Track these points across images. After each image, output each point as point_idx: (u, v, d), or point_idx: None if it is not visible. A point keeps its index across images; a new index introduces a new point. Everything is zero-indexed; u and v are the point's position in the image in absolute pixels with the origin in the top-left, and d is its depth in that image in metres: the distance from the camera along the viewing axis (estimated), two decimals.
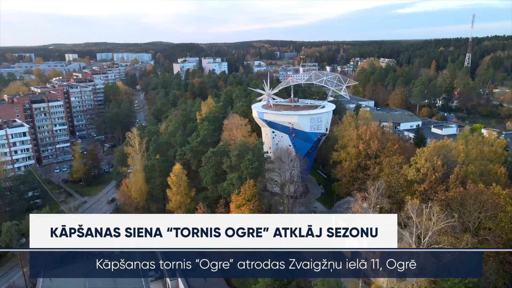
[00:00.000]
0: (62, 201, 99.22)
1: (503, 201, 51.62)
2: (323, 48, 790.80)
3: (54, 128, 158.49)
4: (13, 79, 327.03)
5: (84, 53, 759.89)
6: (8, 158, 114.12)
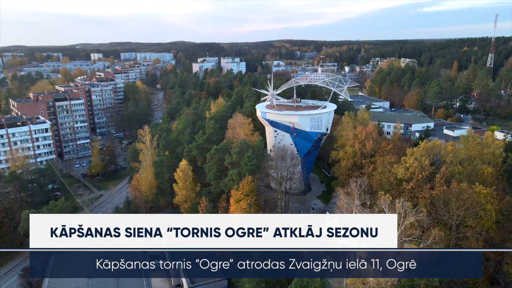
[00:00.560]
0: (79, 194, 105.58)
1: (483, 199, 53.54)
2: (344, 48, 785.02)
3: (75, 125, 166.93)
4: (40, 77, 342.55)
5: (109, 52, 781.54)
6: (31, 153, 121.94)
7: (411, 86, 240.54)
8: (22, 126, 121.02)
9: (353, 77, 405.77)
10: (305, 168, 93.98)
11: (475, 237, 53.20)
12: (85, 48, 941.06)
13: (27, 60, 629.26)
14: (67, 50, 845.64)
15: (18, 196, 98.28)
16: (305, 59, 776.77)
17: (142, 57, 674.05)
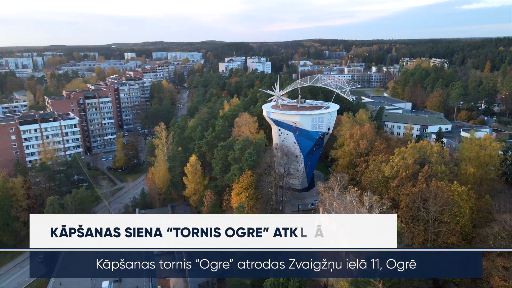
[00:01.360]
0: (100, 185, 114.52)
1: (457, 197, 56.59)
2: (374, 48, 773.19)
3: (103, 121, 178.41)
4: (76, 76, 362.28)
5: (142, 52, 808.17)
6: (61, 146, 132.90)
7: (434, 87, 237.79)
8: (53, 122, 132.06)
9: (379, 78, 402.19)
10: (308, 166, 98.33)
11: (450, 232, 56.36)
12: (120, 48, 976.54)
13: (66, 59, 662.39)
14: (103, 50, 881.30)
15: (47, 185, 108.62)
16: (334, 58, 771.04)
17: (172, 56, 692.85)
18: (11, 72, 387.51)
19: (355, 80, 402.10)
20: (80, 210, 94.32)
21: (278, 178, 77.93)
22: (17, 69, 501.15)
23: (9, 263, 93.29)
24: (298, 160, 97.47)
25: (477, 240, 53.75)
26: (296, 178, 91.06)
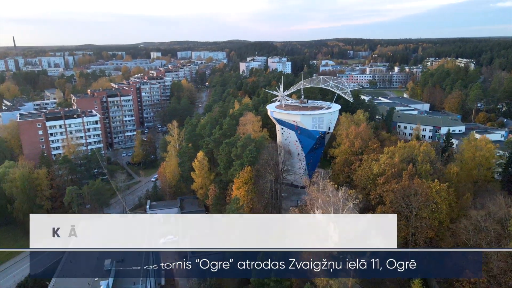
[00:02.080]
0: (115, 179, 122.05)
1: (435, 194, 59.69)
2: (400, 47, 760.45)
3: (124, 118, 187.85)
4: (102, 75, 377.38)
5: (167, 51, 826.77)
6: (83, 141, 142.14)
7: (453, 88, 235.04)
8: (77, 118, 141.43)
9: (400, 78, 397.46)
10: (310, 164, 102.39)
11: (428, 227, 59.63)
12: (147, 47, 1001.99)
13: (95, 58, 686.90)
14: (131, 49, 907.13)
15: (69, 177, 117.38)
16: (358, 58, 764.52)
17: (196, 55, 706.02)
18: (43, 71, 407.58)
19: (376, 81, 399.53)
20: (96, 200, 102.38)
21: (275, 174, 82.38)
22: (50, 68, 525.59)
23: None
24: (300, 158, 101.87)
25: (449, 234, 56.67)
26: (293, 174, 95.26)
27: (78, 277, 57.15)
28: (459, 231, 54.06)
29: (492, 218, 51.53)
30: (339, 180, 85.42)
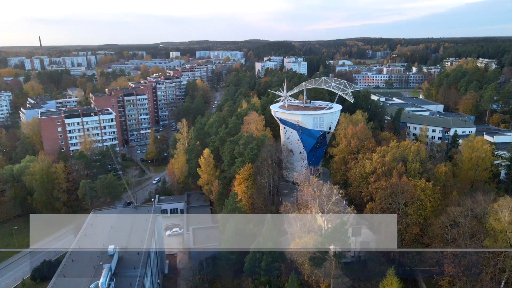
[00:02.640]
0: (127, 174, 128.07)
1: (420, 192, 62.24)
2: (421, 47, 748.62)
3: (139, 117, 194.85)
4: (122, 74, 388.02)
5: (186, 51, 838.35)
6: (99, 138, 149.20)
7: (468, 89, 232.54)
8: (93, 116, 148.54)
9: (417, 79, 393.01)
10: (312, 162, 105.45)
11: (413, 223, 62.28)
12: (167, 47, 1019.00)
13: (116, 57, 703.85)
14: (151, 49, 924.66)
15: (84, 172, 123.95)
16: (376, 58, 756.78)
17: (215, 55, 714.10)
18: (66, 70, 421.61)
19: (392, 81, 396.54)
20: (108, 193, 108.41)
21: (272, 170, 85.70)
22: (73, 67, 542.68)
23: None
24: (302, 156, 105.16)
25: (431, 229, 59.07)
26: (293, 172, 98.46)
27: (85, 261, 62.35)
28: (437, 226, 56.60)
29: (469, 215, 53.80)
30: (336, 178, 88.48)
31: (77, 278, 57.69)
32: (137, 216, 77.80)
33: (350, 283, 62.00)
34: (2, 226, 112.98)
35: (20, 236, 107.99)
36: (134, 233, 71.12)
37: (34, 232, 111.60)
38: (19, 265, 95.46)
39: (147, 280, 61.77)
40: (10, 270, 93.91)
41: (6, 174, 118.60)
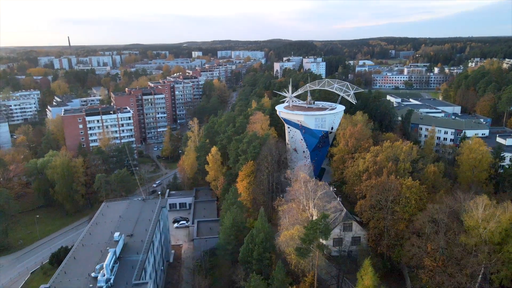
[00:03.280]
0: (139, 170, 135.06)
1: (405, 190, 65.20)
2: (446, 46, 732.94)
3: (157, 115, 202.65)
4: (144, 74, 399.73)
5: (208, 50, 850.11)
6: (118, 135, 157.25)
7: (486, 91, 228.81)
8: (112, 114, 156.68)
9: (438, 79, 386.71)
10: (315, 161, 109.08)
11: (399, 219, 65.39)
12: (190, 47, 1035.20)
13: (140, 57, 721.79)
14: (174, 48, 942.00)
15: (102, 167, 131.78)
16: (399, 58, 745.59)
17: (236, 55, 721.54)
18: (92, 70, 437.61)
19: (412, 82, 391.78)
20: (122, 187, 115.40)
21: (271, 167, 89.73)
22: (98, 66, 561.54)
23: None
24: (306, 155, 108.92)
25: (411, 225, 61.90)
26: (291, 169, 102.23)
27: (94, 246, 68.67)
28: (417, 222, 59.60)
29: (447, 212, 56.50)
30: (335, 177, 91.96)
31: (85, 260, 63.96)
32: (144, 208, 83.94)
33: (335, 273, 65.67)
34: (27, 215, 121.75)
35: (42, 225, 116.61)
36: (140, 223, 77.10)
37: (55, 221, 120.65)
38: (40, 251, 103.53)
39: (148, 265, 67.34)
40: (32, 255, 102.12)
41: (30, 168, 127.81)
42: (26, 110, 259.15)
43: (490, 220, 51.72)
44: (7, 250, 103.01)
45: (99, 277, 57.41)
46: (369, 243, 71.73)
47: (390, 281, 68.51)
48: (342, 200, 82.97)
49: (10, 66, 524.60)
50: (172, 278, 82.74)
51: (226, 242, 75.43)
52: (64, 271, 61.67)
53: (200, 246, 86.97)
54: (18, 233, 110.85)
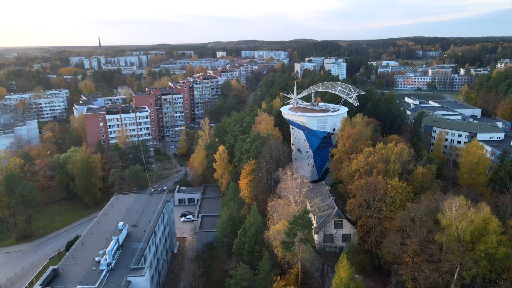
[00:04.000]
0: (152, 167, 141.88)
1: (391, 189, 67.90)
2: (476, 47, 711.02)
3: (174, 114, 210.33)
4: (167, 74, 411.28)
5: (233, 50, 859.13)
6: (135, 133, 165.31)
7: (507, 93, 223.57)
8: (131, 113, 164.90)
9: (463, 81, 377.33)
10: (318, 161, 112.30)
11: (384, 218, 68.24)
12: (215, 46, 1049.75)
13: (166, 57, 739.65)
14: (199, 48, 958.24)
15: (119, 163, 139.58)
16: (426, 58, 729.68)
17: (259, 55, 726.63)
18: (118, 70, 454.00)
19: (435, 83, 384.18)
20: (134, 182, 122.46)
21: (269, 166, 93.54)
22: (126, 66, 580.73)
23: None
24: (309, 155, 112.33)
25: (395, 223, 64.46)
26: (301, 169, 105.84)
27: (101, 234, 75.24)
28: (396, 220, 62.33)
29: (425, 211, 58.99)
30: (333, 176, 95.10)
31: (92, 246, 70.41)
32: (150, 201, 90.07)
33: (319, 265, 69.29)
34: (49, 207, 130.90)
35: (63, 215, 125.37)
36: (145, 215, 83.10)
37: (75, 212, 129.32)
38: (59, 239, 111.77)
39: (149, 253, 73.03)
40: (51, 242, 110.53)
41: (54, 162, 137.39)
42: (55, 108, 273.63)
43: (462, 219, 54.07)
44: (29, 238, 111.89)
45: (101, 261, 63.64)
46: (358, 241, 74.80)
47: (377, 277, 71.42)
48: (338, 199, 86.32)
49: (44, 66, 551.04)
50: (174, 267, 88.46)
51: (222, 235, 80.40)
52: (72, 255, 68.39)
53: (202, 239, 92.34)
54: (40, 223, 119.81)
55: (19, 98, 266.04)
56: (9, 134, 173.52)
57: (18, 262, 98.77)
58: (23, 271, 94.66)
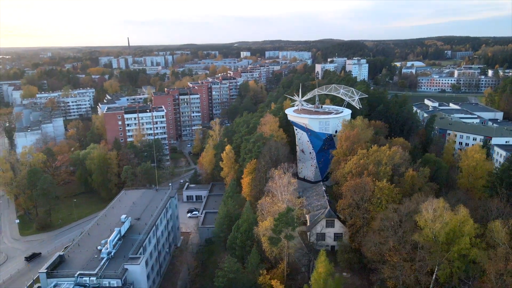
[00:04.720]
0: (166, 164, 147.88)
1: (378, 191, 69.99)
2: (510, 47, 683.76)
3: (192, 114, 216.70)
4: (190, 74, 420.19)
5: (257, 50, 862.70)
6: (151, 132, 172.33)
7: None
8: (148, 112, 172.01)
9: (490, 83, 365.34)
10: (321, 162, 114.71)
11: (371, 218, 70.50)
12: (240, 47, 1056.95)
13: (191, 57, 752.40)
14: (225, 48, 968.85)
15: (134, 160, 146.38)
16: (455, 59, 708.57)
17: (283, 55, 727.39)
18: (143, 70, 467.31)
19: (460, 85, 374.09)
20: (145, 178, 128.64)
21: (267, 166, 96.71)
22: (152, 66, 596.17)
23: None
24: (312, 156, 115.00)
25: (374, 223, 66.49)
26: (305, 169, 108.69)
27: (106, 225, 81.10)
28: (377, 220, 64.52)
29: (404, 212, 60.90)
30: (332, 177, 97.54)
31: (96, 236, 76.25)
32: (155, 197, 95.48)
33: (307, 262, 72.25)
34: (69, 200, 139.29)
35: (80, 208, 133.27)
36: (148, 209, 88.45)
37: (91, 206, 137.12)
38: (75, 230, 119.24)
39: (149, 245, 78.14)
40: (68, 233, 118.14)
41: (74, 158, 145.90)
42: (81, 106, 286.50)
43: (437, 221, 55.90)
44: (48, 228, 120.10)
45: (102, 250, 69.25)
46: (348, 240, 77.24)
47: (365, 274, 73.60)
48: (333, 199, 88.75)
49: (75, 66, 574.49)
50: (177, 259, 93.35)
51: (219, 230, 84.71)
52: (78, 244, 74.51)
53: (204, 234, 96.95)
54: (59, 214, 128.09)
55: (48, 97, 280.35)
56: (36, 131, 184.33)
57: (37, 251, 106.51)
58: (41, 258, 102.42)
